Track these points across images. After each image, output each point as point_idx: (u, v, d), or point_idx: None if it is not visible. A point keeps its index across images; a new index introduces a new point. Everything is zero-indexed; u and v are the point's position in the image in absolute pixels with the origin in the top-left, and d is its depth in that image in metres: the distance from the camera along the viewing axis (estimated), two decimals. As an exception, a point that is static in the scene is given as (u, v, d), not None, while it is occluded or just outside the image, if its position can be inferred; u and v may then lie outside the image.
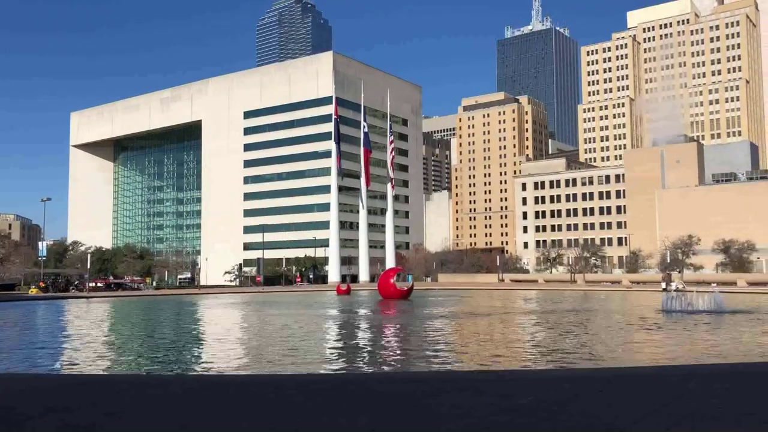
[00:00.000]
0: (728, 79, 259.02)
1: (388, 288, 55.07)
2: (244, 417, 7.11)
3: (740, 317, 32.29)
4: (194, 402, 8.22)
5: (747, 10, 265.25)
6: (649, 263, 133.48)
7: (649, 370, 13.65)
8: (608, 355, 19.21)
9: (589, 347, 21.06)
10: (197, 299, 69.15)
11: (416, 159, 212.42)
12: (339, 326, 32.10)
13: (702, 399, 8.20)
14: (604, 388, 9.22)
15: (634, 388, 9.13)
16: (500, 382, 10.45)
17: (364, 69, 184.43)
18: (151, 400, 8.33)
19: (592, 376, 11.47)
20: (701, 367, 14.55)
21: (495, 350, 20.58)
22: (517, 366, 16.87)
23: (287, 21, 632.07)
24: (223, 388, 9.65)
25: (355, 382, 11.33)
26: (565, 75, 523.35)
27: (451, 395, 8.50)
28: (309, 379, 11.51)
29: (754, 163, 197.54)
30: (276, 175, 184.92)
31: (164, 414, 7.45)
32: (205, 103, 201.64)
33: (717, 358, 17.97)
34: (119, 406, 7.92)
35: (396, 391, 9.03)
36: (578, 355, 18.88)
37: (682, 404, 7.77)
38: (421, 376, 13.18)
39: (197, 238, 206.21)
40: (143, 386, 10.03)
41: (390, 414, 7.34)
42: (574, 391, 8.79)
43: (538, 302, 53.83)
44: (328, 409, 7.65)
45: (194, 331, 31.26)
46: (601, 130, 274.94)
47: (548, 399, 8.13)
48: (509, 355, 19.33)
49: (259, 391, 9.05)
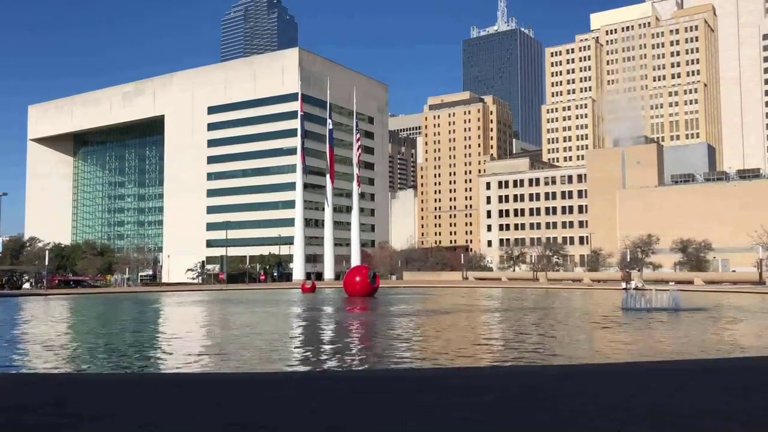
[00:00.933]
0: (687, 82, 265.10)
1: (353, 286, 54.97)
2: (200, 414, 7.02)
3: (697, 315, 33.07)
4: (155, 400, 8.09)
5: (705, 15, 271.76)
6: (610, 262, 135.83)
7: (609, 367, 13.89)
8: (567, 352, 19.49)
9: (550, 344, 21.34)
10: (159, 297, 68.13)
11: (382, 157, 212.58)
12: (303, 324, 31.96)
13: (660, 395, 8.36)
14: (564, 384, 9.34)
15: (593, 384, 9.27)
16: (464, 378, 10.51)
17: (330, 66, 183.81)
18: (107, 399, 8.17)
19: (553, 373, 11.62)
20: (660, 363, 14.86)
21: (458, 347, 20.72)
22: (480, 363, 17.00)
23: (253, 16, 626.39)
24: (178, 385, 9.52)
25: (317, 379, 11.29)
26: (529, 75, 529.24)
27: (414, 392, 8.52)
28: (272, 377, 11.43)
29: (711, 164, 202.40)
30: (240, 172, 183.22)
31: (123, 413, 7.31)
32: (168, 98, 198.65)
33: (674, 354, 18.37)
34: (76, 405, 7.76)
35: (358, 388, 9.01)
36: (539, 353, 19.11)
37: (642, 399, 7.92)
38: (384, 374, 13.19)
39: (159, 235, 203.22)
40: (101, 384, 9.84)
41: (352, 412, 7.32)
42: (537, 387, 8.89)
43: (501, 300, 54.37)
44: (294, 408, 7.60)
45: (155, 328, 30.79)
46: (564, 130, 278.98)
47: (512, 395, 8.20)
48: (472, 352, 19.47)
49: (218, 388, 8.95)
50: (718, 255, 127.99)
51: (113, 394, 8.64)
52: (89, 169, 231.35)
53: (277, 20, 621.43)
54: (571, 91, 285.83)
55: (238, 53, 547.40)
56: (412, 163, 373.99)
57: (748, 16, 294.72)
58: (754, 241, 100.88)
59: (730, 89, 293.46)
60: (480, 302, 50.99)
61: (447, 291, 75.47)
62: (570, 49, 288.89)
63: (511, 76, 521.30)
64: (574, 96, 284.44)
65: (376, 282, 56.50)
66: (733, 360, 16.14)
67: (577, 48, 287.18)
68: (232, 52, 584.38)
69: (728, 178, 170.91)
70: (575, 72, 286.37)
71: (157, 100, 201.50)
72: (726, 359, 16.58)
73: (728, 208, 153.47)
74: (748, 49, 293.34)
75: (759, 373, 11.02)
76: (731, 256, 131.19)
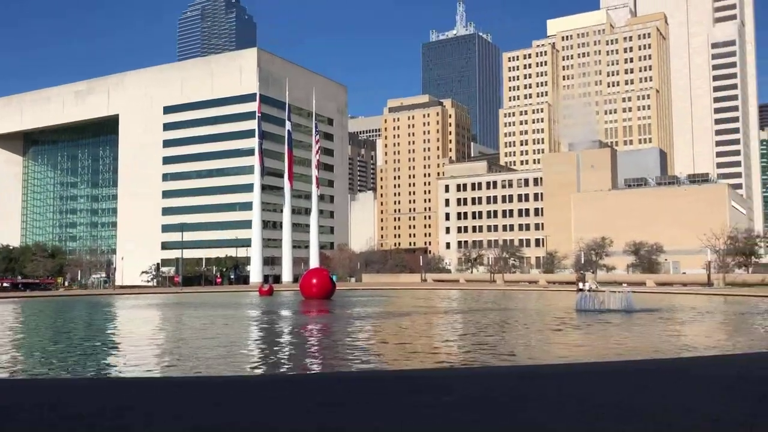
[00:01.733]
0: (640, 89, 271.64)
1: (310, 288, 54.56)
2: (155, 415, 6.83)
3: (649, 316, 33.79)
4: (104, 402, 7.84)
5: (657, 24, 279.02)
6: (565, 264, 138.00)
7: (567, 367, 14.04)
8: (524, 353, 19.67)
9: (507, 345, 21.51)
10: (112, 300, 66.62)
11: (342, 159, 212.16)
12: (258, 328, 31.60)
13: (621, 393, 8.46)
14: (523, 384, 9.39)
15: (553, 384, 9.33)
16: (422, 380, 10.48)
17: (289, 67, 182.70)
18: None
19: (512, 374, 11.68)
20: (617, 363, 15.09)
21: (415, 349, 20.72)
22: (439, 364, 17.02)
23: (210, 16, 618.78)
24: (127, 387, 9.27)
25: (275, 382, 11.13)
26: (487, 80, 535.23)
27: (374, 394, 8.45)
28: (228, 380, 11.23)
29: (663, 169, 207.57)
30: (196, 173, 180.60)
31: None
32: (122, 96, 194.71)
33: (629, 354, 18.70)
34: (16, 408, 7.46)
35: (313, 390, 8.90)
36: (496, 354, 19.23)
37: (603, 397, 7.99)
38: (341, 376, 13.09)
39: (113, 237, 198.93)
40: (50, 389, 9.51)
41: (305, 415, 7.21)
42: (496, 388, 8.91)
43: (459, 302, 54.71)
44: (251, 409, 7.45)
45: (106, 333, 30.05)
46: (521, 134, 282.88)
47: (471, 396, 8.19)
48: (428, 354, 19.50)
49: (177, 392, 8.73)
50: (670, 257, 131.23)
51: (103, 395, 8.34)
52: (40, 170, 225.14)
53: (236, 20, 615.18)
54: (528, 96, 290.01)
55: (195, 53, 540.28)
56: (372, 166, 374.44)
57: (698, 26, 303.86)
58: (703, 243, 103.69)
59: (681, 96, 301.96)
60: (438, 304, 51.23)
61: (405, 293, 75.67)
62: (527, 54, 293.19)
63: (470, 80, 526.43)
64: (530, 100, 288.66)
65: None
66: (684, 359, 16.51)
67: (534, 53, 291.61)
68: (189, 51, 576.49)
69: (679, 182, 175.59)
70: (532, 77, 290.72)
71: (111, 99, 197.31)
72: (678, 358, 16.95)
73: (679, 211, 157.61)
74: (698, 57, 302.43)
75: (709, 370, 11.27)
76: (682, 258, 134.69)
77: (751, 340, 23.31)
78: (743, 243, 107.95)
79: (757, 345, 21.65)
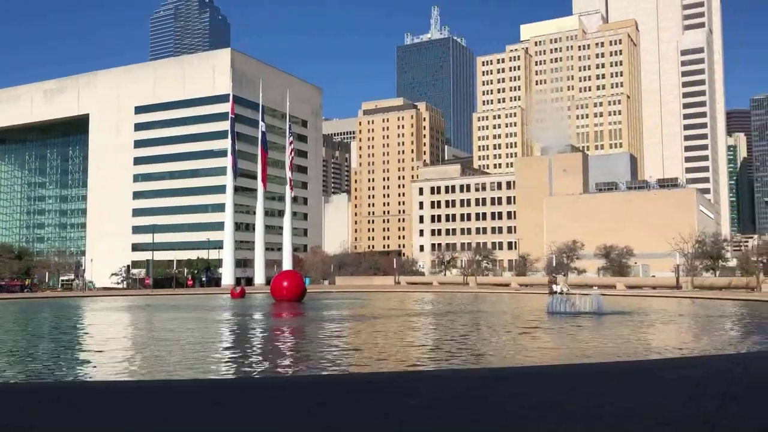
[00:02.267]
0: (611, 94, 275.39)
1: (281, 291, 54.17)
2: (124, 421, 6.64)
3: (618, 318, 34.14)
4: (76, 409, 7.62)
5: (629, 30, 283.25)
6: (537, 266, 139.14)
7: (538, 368, 14.07)
8: (496, 354, 19.71)
9: (479, 347, 21.55)
10: (81, 302, 65.49)
11: (316, 161, 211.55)
12: (229, 330, 31.27)
13: (590, 395, 8.47)
14: (494, 385, 9.36)
15: (524, 386, 9.31)
16: (391, 383, 10.41)
17: (263, 68, 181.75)
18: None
19: (483, 375, 11.66)
20: (587, 365, 15.17)
21: (385, 352, 20.65)
22: (410, 367, 16.97)
23: (183, 15, 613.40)
24: (98, 393, 9.03)
25: (243, 386, 10.96)
26: (461, 84, 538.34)
27: (341, 397, 8.35)
28: (196, 384, 11.03)
29: (633, 173, 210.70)
30: (168, 174, 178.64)
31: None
32: (93, 96, 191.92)
33: (599, 356, 18.83)
34: None
35: (282, 395, 8.77)
36: (467, 356, 19.24)
37: (572, 399, 7.99)
38: (310, 379, 12.96)
39: (82, 238, 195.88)
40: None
41: (271, 419, 7.09)
42: (466, 389, 8.86)
43: (431, 304, 54.80)
44: (222, 413, 7.30)
45: (75, 336, 29.48)
46: (494, 138, 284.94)
47: (441, 398, 8.13)
48: (399, 356, 19.44)
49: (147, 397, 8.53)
50: (639, 260, 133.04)
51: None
52: (7, 169, 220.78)
53: (209, 20, 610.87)
54: (502, 100, 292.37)
55: (167, 52, 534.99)
56: (346, 168, 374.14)
57: (668, 33, 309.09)
58: (672, 247, 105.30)
59: (651, 101, 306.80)
60: (411, 306, 51.24)
61: (379, 296, 75.58)
62: (500, 59, 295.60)
63: (444, 83, 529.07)
64: (504, 105, 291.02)
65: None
66: (651, 360, 16.66)
67: (508, 58, 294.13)
68: (161, 51, 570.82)
69: (649, 186, 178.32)
70: (505, 81, 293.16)
71: (81, 99, 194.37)
72: (645, 360, 17.11)
73: (649, 215, 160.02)
74: (668, 63, 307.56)
75: (675, 371, 11.36)
76: (651, 261, 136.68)
77: (718, 342, 23.66)
78: (711, 247, 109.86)
79: (722, 347, 21.97)
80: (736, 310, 43.32)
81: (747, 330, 29.99)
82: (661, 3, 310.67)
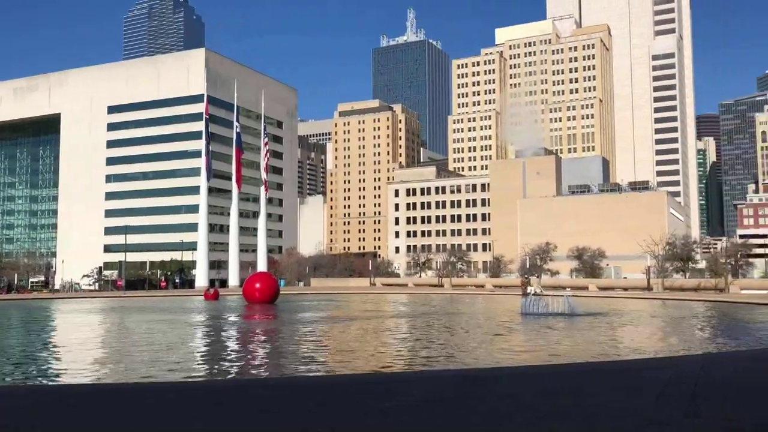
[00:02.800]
0: (584, 98, 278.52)
1: (253, 293, 53.74)
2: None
3: (590, 319, 34.54)
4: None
5: (601, 35, 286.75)
6: (511, 268, 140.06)
7: (512, 369, 14.20)
8: (470, 356, 19.83)
9: (453, 349, 21.67)
10: (51, 304, 64.43)
11: (291, 162, 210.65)
12: (201, 333, 31.04)
13: (562, 395, 8.58)
14: (467, 387, 9.44)
15: (498, 387, 9.41)
16: (365, 384, 10.44)
17: (238, 68, 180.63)
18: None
19: (456, 377, 11.75)
20: (559, 366, 15.33)
21: (358, 354, 20.68)
22: (383, 369, 17.01)
23: (158, 15, 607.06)
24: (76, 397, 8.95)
25: (214, 389, 10.92)
26: (437, 86, 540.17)
27: (317, 398, 8.37)
28: (168, 386, 10.96)
29: (605, 176, 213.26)
30: (142, 174, 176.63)
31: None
32: (65, 95, 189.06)
33: (571, 357, 19.04)
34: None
35: (256, 395, 8.76)
36: (442, 357, 19.34)
37: (545, 399, 8.09)
38: (282, 381, 12.94)
39: (53, 239, 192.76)
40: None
41: (240, 420, 7.08)
42: (440, 390, 8.92)
43: (407, 306, 54.89)
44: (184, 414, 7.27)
45: (43, 339, 29.02)
46: (469, 140, 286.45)
47: (415, 399, 8.18)
48: (373, 358, 19.47)
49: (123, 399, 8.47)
50: (611, 262, 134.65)
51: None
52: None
53: (184, 20, 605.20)
54: (477, 103, 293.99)
55: (141, 52, 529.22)
56: (322, 169, 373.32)
57: (640, 38, 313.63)
58: (643, 249, 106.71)
59: (623, 105, 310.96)
60: (386, 308, 51.30)
61: (354, 297, 75.48)
62: (476, 62, 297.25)
63: (420, 86, 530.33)
64: (479, 108, 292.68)
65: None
66: (623, 362, 16.91)
67: (483, 61, 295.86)
68: (135, 50, 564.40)
69: (621, 189, 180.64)
70: (480, 84, 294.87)
71: (52, 97, 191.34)
72: (617, 361, 17.36)
73: (621, 217, 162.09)
74: (639, 68, 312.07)
75: (645, 372, 11.55)
76: (623, 263, 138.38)
77: (687, 343, 24.07)
78: (681, 249, 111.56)
79: (691, 347, 22.36)
80: (705, 312, 44.11)
81: (715, 331, 30.57)
82: (633, 9, 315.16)
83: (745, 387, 9.32)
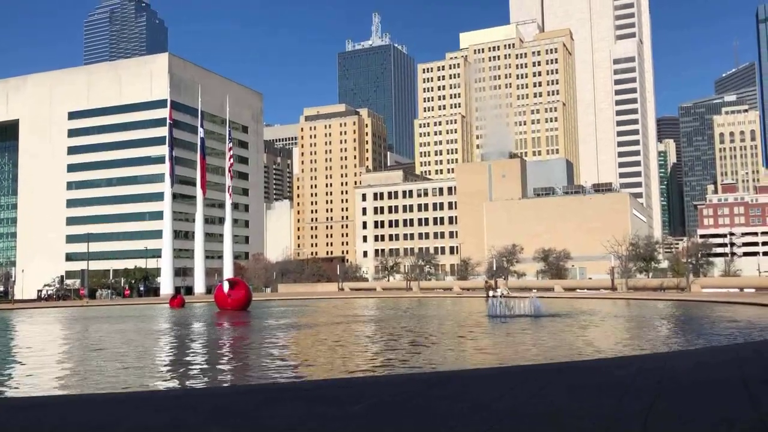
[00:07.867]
0: (548, 101, 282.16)
1: (224, 299, 53.30)
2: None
3: (555, 320, 34.90)
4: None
5: (564, 39, 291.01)
6: (478, 270, 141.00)
7: (476, 372, 14.24)
8: (436, 359, 19.86)
9: (420, 352, 21.68)
10: (10, 315, 62.80)
11: (257, 167, 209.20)
12: (166, 341, 30.54)
13: (524, 396, 8.62)
14: (432, 389, 9.43)
15: (461, 389, 9.41)
16: (333, 389, 10.37)
17: (202, 73, 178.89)
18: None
19: (422, 380, 11.73)
20: (522, 367, 15.42)
21: (327, 359, 20.57)
22: (352, 373, 16.92)
23: (119, 19, 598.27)
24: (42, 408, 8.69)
25: (182, 396, 10.73)
26: (402, 90, 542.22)
27: (284, 405, 8.27)
28: (136, 395, 10.73)
29: (569, 178, 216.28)
30: (104, 181, 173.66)
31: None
32: (23, 100, 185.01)
33: (535, 358, 19.19)
34: None
35: (225, 403, 8.62)
36: (409, 361, 19.33)
37: (507, 401, 8.11)
38: (253, 388, 12.78)
39: (12, 248, 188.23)
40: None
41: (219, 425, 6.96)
42: (407, 394, 8.90)
43: (375, 310, 54.84)
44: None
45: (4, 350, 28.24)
46: (436, 144, 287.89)
47: (383, 403, 8.14)
48: (341, 363, 19.39)
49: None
50: (576, 263, 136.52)
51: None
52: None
53: (146, 24, 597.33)
54: (442, 107, 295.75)
55: (103, 57, 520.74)
56: (288, 174, 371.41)
57: (601, 42, 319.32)
58: (607, 250, 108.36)
59: (586, 109, 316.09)
60: (355, 313, 51.17)
61: (322, 303, 75.19)
62: (441, 66, 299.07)
63: (385, 90, 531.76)
64: (444, 111, 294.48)
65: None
66: (587, 361, 17.09)
67: (448, 65, 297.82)
68: (96, 55, 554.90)
69: (584, 191, 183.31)
70: (446, 88, 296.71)
71: (10, 103, 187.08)
72: (581, 360, 17.53)
73: (585, 219, 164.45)
74: (601, 72, 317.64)
75: (609, 370, 11.68)
76: (588, 264, 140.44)
77: (650, 342, 24.46)
78: (644, 249, 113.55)
79: (655, 345, 22.73)
80: (668, 310, 44.93)
81: (677, 329, 31.14)
82: (594, 13, 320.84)
83: (706, 382, 9.49)
